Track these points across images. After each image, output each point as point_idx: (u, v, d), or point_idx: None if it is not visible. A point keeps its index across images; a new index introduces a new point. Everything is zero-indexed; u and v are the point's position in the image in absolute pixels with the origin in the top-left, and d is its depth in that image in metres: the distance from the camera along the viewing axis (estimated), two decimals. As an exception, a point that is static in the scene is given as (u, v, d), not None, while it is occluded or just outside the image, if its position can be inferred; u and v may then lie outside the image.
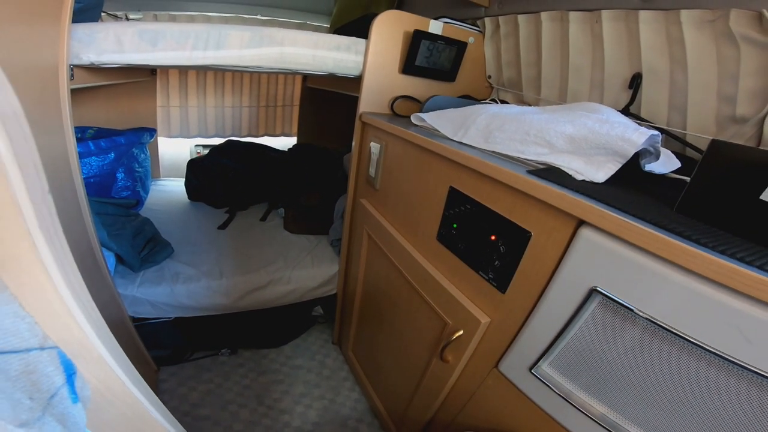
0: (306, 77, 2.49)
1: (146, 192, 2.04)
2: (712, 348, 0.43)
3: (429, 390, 1.00)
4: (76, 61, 0.92)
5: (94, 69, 1.01)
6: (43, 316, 0.31)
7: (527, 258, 0.65)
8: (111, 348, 0.37)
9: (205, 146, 2.61)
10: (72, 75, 0.91)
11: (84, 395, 0.35)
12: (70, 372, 0.33)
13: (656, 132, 0.64)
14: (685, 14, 0.80)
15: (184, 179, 2.15)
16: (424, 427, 1.07)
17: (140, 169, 1.94)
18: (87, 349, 0.35)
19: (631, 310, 0.50)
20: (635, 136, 0.62)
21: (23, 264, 0.28)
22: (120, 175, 1.81)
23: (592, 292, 0.54)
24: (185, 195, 2.13)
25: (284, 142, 2.86)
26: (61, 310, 0.31)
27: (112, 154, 1.75)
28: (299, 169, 2.13)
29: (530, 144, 0.74)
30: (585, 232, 0.54)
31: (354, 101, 1.29)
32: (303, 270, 1.59)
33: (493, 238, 0.72)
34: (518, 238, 0.66)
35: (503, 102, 1.36)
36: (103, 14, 1.49)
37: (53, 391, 0.32)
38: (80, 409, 0.34)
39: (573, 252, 0.57)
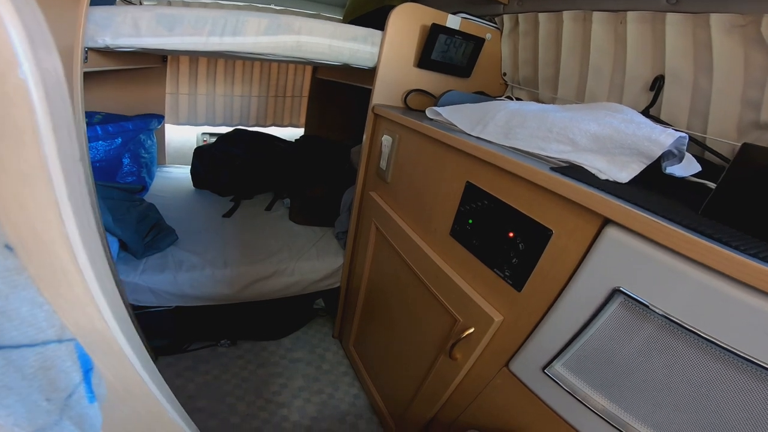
0: (316, 68, 2.47)
1: (151, 178, 2.02)
2: (738, 350, 0.43)
3: (433, 388, 0.99)
4: (91, 44, 0.91)
5: (107, 52, 0.99)
6: (63, 304, 0.27)
7: (546, 256, 0.64)
8: (132, 341, 0.34)
9: (211, 134, 2.58)
10: (86, 58, 0.90)
11: (100, 393, 0.32)
12: (87, 367, 0.30)
13: (684, 134, 0.63)
14: (714, 18, 0.79)
15: (189, 166, 2.13)
16: (425, 425, 1.06)
17: (146, 155, 1.93)
18: (107, 341, 0.31)
19: (655, 312, 0.49)
20: (663, 138, 0.61)
21: (47, 240, 0.24)
22: (126, 161, 1.79)
23: (615, 292, 0.53)
24: (190, 182, 2.11)
25: (291, 133, 2.84)
26: (85, 298, 0.27)
27: (120, 139, 1.74)
28: (306, 160, 2.12)
29: (552, 141, 0.73)
30: (611, 232, 0.53)
31: (364, 94, 1.27)
32: (307, 262, 1.58)
33: (511, 235, 0.71)
34: (538, 236, 0.65)
35: (518, 100, 1.34)
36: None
37: (71, 390, 0.28)
38: (96, 409, 0.31)
39: (597, 251, 0.55)
